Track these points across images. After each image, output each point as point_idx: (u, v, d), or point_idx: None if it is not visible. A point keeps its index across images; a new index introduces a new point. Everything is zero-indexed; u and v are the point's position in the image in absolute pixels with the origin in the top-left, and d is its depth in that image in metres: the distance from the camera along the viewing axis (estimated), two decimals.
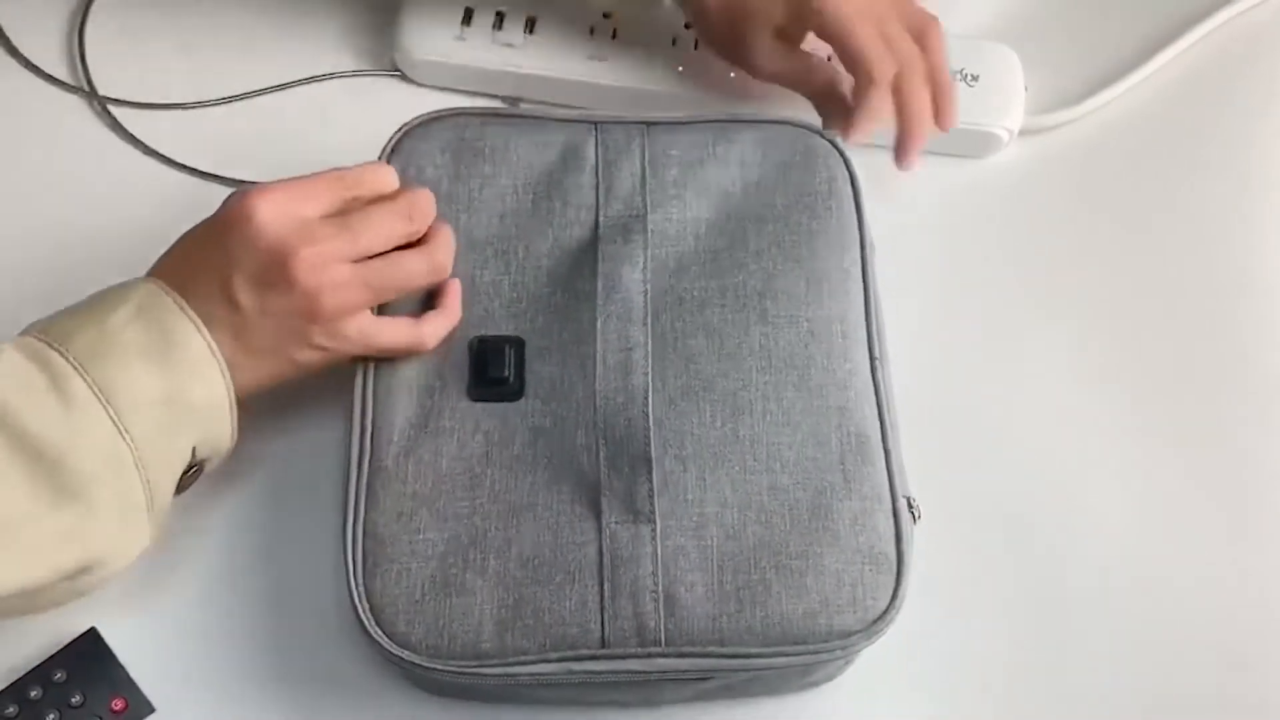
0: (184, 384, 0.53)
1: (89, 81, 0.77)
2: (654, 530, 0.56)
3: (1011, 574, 0.64)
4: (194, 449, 0.55)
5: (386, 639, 0.55)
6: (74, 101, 0.76)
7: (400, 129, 0.66)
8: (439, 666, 0.55)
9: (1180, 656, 0.62)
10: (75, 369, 0.51)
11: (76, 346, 0.52)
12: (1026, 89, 0.75)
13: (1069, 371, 0.70)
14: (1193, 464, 0.67)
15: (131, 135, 0.75)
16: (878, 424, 0.60)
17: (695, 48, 0.75)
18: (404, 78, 0.78)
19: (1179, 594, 0.63)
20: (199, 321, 0.54)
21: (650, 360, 0.58)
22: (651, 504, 0.57)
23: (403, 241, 0.59)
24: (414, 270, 0.59)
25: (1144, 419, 0.68)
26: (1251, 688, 0.62)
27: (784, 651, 0.55)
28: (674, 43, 0.76)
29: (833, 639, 0.55)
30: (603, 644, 0.55)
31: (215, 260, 0.55)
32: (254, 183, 0.58)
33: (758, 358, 0.60)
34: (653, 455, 0.57)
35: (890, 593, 0.56)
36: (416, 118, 0.66)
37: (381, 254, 0.58)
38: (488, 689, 0.58)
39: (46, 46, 0.78)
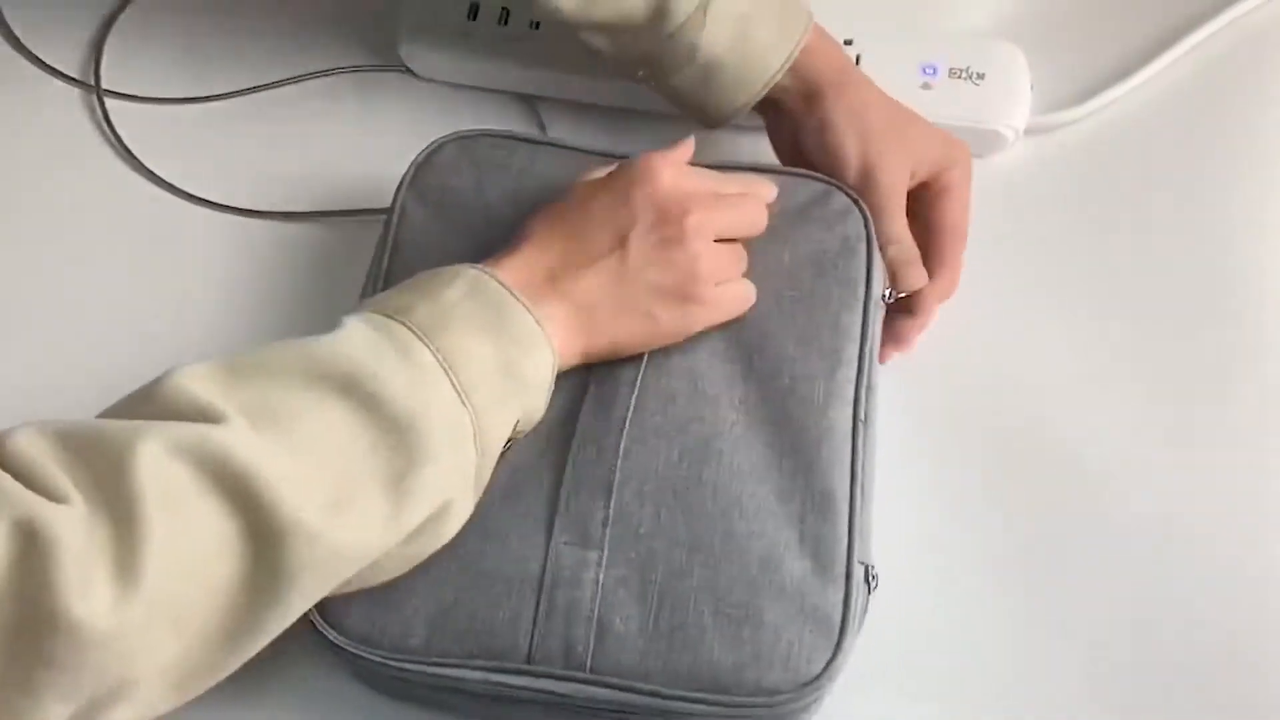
0: (518, 357, 0.54)
1: (97, 76, 0.77)
2: (601, 557, 0.56)
3: (1013, 574, 0.64)
4: (516, 422, 0.56)
5: (320, 619, 0.55)
6: (76, 95, 0.77)
7: (438, 140, 0.66)
8: (365, 654, 0.55)
9: (1194, 658, 0.62)
10: (419, 338, 0.52)
11: (417, 318, 0.53)
12: (1032, 88, 0.75)
13: (1075, 368, 0.69)
14: (1203, 462, 0.67)
15: (116, 133, 0.75)
16: (847, 486, 0.58)
17: None
18: (409, 72, 0.78)
19: (1193, 592, 0.63)
20: (526, 302, 0.55)
21: (636, 396, 0.59)
22: (604, 531, 0.57)
23: (746, 236, 0.62)
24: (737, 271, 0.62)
25: (1151, 416, 0.68)
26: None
27: (706, 699, 0.54)
28: None
29: (758, 694, 0.54)
30: (527, 660, 0.55)
31: (617, 211, 0.59)
32: (237, 211, 0.57)
33: (737, 410, 0.60)
34: (615, 485, 0.57)
35: (827, 658, 0.55)
36: (454, 133, 0.66)
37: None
38: (416, 689, 0.58)
39: (62, 42, 0.78)
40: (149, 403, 0.48)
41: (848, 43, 0.75)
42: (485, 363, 0.53)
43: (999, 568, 0.64)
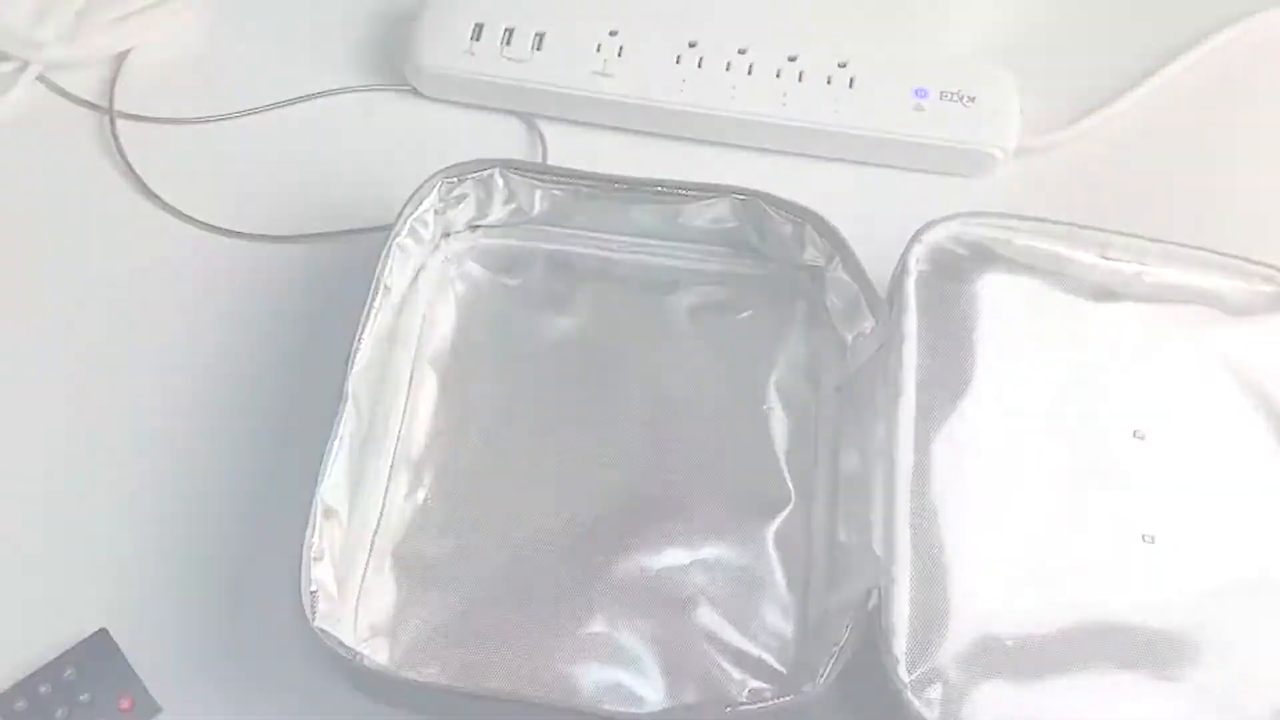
0: None
1: (110, 98, 0.78)
2: None
3: None
4: None
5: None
6: (87, 116, 0.78)
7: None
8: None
9: None
10: None
11: None
12: (1021, 110, 0.76)
13: None
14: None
15: (125, 157, 0.76)
16: None
17: (699, 65, 0.77)
18: (414, 91, 0.79)
19: None
20: None
21: None
22: None
23: None
24: None
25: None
26: None
27: None
28: (678, 60, 0.77)
29: None
30: None
31: None
32: (241, 236, 0.57)
33: None
34: None
35: None
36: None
37: None
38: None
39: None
40: None
41: (841, 65, 0.76)
42: None
43: None
